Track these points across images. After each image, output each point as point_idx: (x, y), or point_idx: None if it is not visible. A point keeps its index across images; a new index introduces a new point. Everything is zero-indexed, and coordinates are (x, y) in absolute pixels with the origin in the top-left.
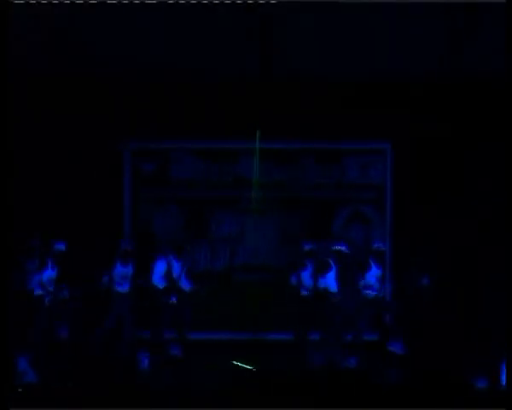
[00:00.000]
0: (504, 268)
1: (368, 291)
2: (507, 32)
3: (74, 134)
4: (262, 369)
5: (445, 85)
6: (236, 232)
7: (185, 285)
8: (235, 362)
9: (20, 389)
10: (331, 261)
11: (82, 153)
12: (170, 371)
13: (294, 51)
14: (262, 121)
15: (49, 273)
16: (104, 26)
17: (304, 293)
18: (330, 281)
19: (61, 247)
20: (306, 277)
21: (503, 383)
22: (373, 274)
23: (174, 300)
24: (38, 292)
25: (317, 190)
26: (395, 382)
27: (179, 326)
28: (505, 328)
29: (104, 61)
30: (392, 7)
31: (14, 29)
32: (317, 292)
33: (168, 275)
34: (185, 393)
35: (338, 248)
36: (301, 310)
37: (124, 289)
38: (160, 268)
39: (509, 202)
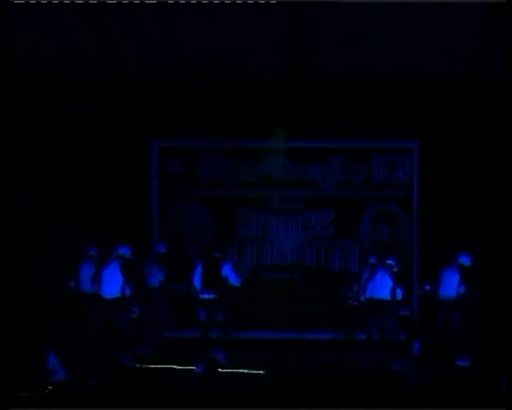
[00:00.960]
0: None
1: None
2: (507, 32)
3: (103, 133)
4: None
5: (473, 84)
6: (263, 231)
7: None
8: None
9: (50, 387)
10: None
11: (111, 151)
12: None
13: (322, 50)
14: (289, 120)
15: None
16: (133, 24)
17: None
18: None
19: (126, 251)
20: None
21: None
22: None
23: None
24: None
25: (344, 189)
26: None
27: (222, 327)
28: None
29: (134, 60)
30: (420, 5)
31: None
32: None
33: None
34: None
35: (389, 262)
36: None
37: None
38: (199, 269)
39: None
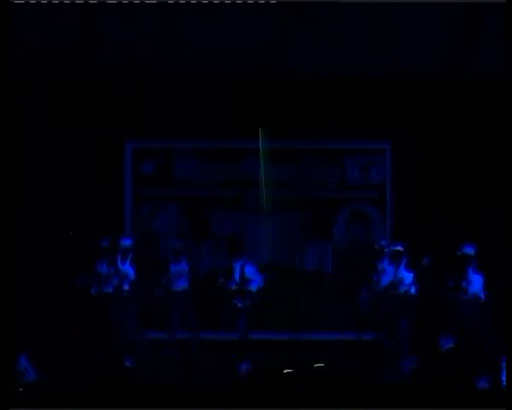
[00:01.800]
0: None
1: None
2: (507, 32)
3: (76, 134)
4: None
5: (446, 85)
6: (238, 232)
7: (254, 285)
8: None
9: (20, 389)
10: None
11: (83, 152)
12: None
13: (296, 50)
14: (264, 121)
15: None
16: (103, 24)
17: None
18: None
19: (128, 243)
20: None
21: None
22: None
23: (239, 303)
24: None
25: (318, 190)
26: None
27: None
28: (505, 328)
29: (105, 61)
30: (391, 5)
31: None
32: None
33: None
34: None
35: (397, 248)
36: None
37: (180, 287)
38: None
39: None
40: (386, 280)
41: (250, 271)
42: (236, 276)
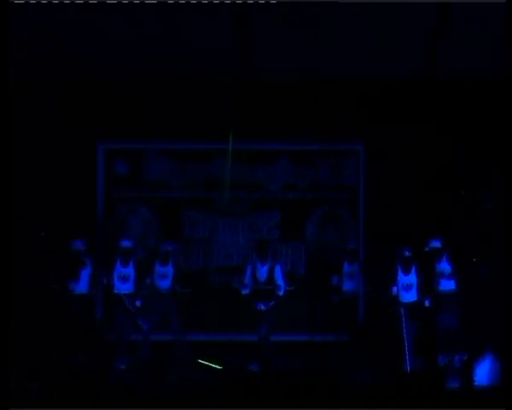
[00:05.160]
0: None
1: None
2: (507, 32)
3: (47, 134)
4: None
5: (418, 85)
6: (210, 233)
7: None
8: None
9: None
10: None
11: (55, 153)
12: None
13: (269, 51)
14: (236, 122)
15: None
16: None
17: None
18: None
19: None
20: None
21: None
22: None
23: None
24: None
25: (290, 191)
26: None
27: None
28: (505, 328)
29: (76, 61)
30: (362, 6)
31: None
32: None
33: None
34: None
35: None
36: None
37: (164, 286)
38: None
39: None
40: (350, 283)
41: (278, 272)
42: (262, 277)
